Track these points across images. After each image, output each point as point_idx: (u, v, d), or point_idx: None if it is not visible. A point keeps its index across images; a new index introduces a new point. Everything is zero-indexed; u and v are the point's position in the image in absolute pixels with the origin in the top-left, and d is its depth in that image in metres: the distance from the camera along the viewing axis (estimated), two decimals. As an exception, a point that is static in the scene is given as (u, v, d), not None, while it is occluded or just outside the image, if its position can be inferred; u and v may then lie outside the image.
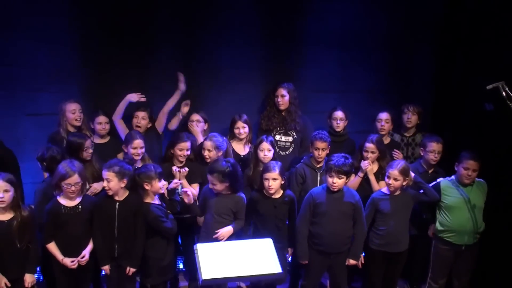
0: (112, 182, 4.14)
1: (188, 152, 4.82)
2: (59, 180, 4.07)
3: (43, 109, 5.30)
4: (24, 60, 5.19)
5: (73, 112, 5.01)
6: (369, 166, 4.80)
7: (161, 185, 4.30)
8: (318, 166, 4.83)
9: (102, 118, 5.12)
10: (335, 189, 4.36)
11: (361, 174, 4.81)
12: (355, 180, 4.82)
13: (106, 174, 4.14)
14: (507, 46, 4.73)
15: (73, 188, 4.07)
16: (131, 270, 4.27)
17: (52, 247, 4.15)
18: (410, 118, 5.31)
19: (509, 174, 4.59)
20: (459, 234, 4.58)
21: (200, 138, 5.19)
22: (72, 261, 4.11)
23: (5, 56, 5.14)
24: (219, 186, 4.32)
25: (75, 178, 4.06)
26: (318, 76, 5.81)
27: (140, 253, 4.27)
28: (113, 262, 4.30)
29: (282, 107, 5.37)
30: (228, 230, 4.39)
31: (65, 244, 4.15)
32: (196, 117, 5.31)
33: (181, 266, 5.37)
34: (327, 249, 4.43)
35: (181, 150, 4.78)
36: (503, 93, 3.54)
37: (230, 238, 4.41)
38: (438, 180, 4.67)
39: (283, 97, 5.36)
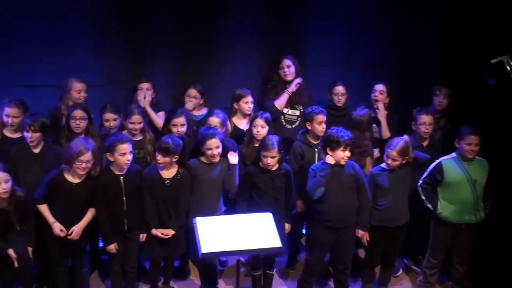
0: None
1: (184, 128, 4.72)
2: (73, 158, 4.06)
3: (38, 80, 5.20)
4: (18, 31, 5.08)
5: (78, 91, 4.87)
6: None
7: None
8: (315, 142, 4.77)
9: (108, 115, 4.82)
10: (344, 163, 4.34)
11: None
12: None
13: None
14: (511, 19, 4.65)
15: (83, 165, 4.07)
16: (144, 236, 4.38)
17: (44, 208, 4.17)
18: (442, 101, 5.20)
19: (509, 151, 4.56)
20: (460, 211, 4.56)
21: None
22: (61, 230, 4.14)
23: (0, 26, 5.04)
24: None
25: (88, 155, 4.06)
26: (318, 49, 5.71)
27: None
28: (119, 237, 4.34)
29: (289, 78, 5.28)
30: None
31: (59, 219, 4.17)
32: (193, 92, 5.17)
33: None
34: (335, 224, 4.41)
35: (175, 125, 4.68)
36: (508, 67, 3.48)
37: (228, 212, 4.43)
38: (439, 159, 4.62)
39: (289, 68, 5.27)
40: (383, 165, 4.56)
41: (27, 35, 5.11)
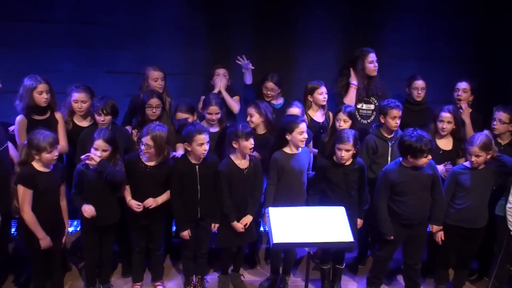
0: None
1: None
2: (137, 139, 4.27)
3: (122, 67, 5.41)
4: (105, 18, 5.30)
5: (155, 80, 4.95)
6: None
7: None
8: (389, 136, 4.68)
9: (179, 114, 4.85)
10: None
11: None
12: None
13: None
14: None
15: (143, 147, 4.20)
16: (215, 226, 4.45)
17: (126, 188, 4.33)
18: None
19: None
20: None
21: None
22: (138, 205, 4.26)
23: (88, 14, 5.28)
24: None
25: (146, 139, 4.16)
26: (397, 42, 5.60)
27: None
28: (193, 224, 4.43)
29: (376, 72, 5.18)
30: None
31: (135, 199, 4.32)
32: (270, 85, 5.14)
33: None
34: (411, 222, 4.35)
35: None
36: None
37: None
38: None
39: (374, 62, 5.16)
40: (467, 163, 4.42)
41: (113, 23, 5.32)
